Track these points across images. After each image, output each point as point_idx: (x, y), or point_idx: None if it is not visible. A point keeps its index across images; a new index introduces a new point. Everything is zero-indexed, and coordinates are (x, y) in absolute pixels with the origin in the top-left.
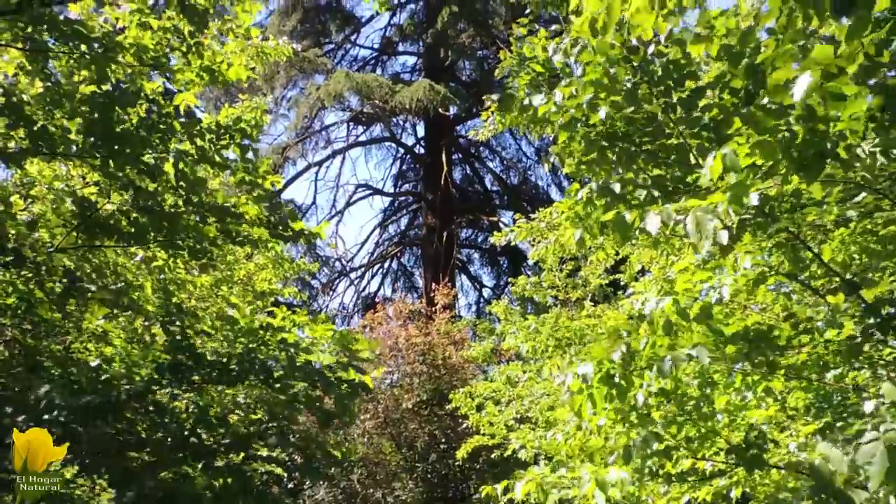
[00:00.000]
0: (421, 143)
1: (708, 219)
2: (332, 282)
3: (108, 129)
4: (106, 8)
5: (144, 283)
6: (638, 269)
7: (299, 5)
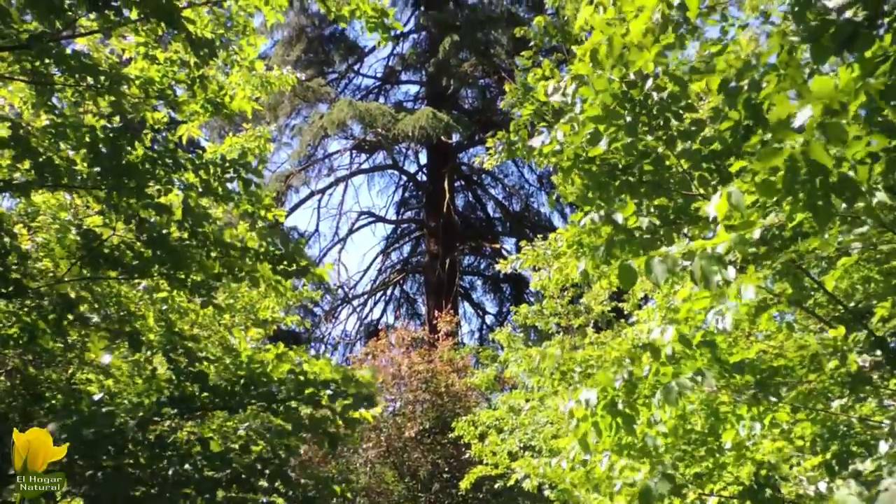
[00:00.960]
0: (423, 171)
1: (713, 270)
2: (335, 309)
3: (115, 160)
4: (112, 40)
5: (146, 314)
6: (641, 297)
7: (303, 36)
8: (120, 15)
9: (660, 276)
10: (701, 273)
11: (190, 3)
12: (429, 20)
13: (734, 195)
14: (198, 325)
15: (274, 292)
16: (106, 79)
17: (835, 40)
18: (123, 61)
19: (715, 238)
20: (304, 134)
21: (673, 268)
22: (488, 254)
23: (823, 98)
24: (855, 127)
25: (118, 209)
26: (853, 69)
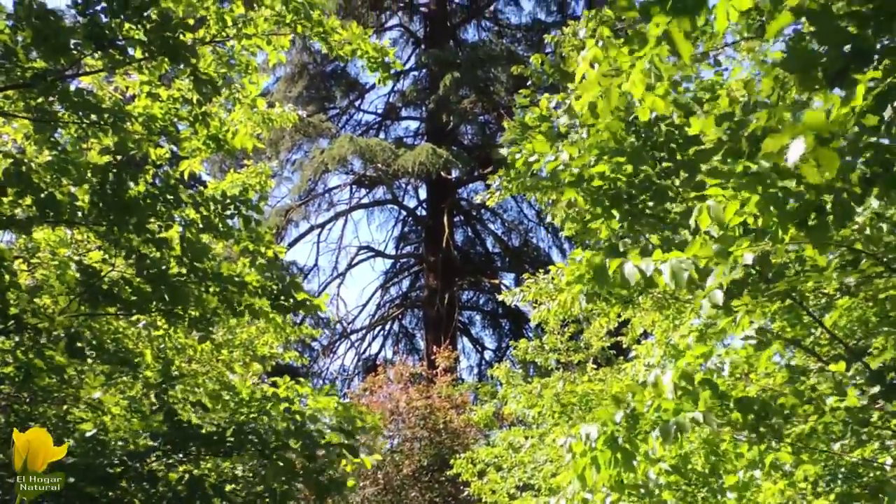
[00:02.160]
0: (423, 206)
1: (683, 268)
2: (333, 344)
3: (116, 196)
4: (117, 78)
5: (144, 351)
6: (640, 333)
7: (305, 72)
8: (125, 54)
9: (630, 277)
10: (671, 272)
11: (195, 41)
12: (429, 58)
13: (713, 208)
14: (195, 361)
15: (272, 327)
16: (109, 116)
17: (825, 76)
18: (127, 98)
19: (691, 246)
20: (304, 169)
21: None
22: (487, 289)
23: (815, 129)
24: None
25: (118, 244)
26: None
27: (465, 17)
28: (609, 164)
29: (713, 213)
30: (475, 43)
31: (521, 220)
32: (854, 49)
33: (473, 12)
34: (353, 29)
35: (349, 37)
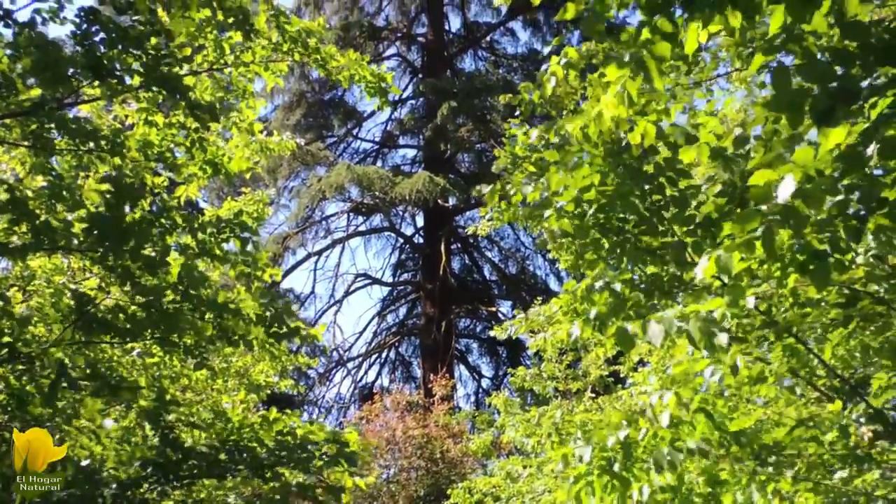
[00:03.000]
0: (420, 233)
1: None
2: (329, 372)
3: (112, 223)
4: (115, 106)
5: (139, 379)
6: (636, 360)
7: (303, 101)
8: (122, 83)
9: (657, 339)
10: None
11: (191, 70)
12: (426, 87)
13: (722, 258)
14: (190, 389)
15: (268, 355)
16: (107, 143)
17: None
18: (126, 126)
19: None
20: (302, 196)
21: (669, 329)
22: (484, 317)
23: (804, 166)
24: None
25: (113, 269)
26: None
27: (462, 47)
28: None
29: (722, 263)
30: (472, 72)
31: (518, 247)
32: (840, 87)
33: (470, 42)
34: (350, 55)
35: (346, 63)
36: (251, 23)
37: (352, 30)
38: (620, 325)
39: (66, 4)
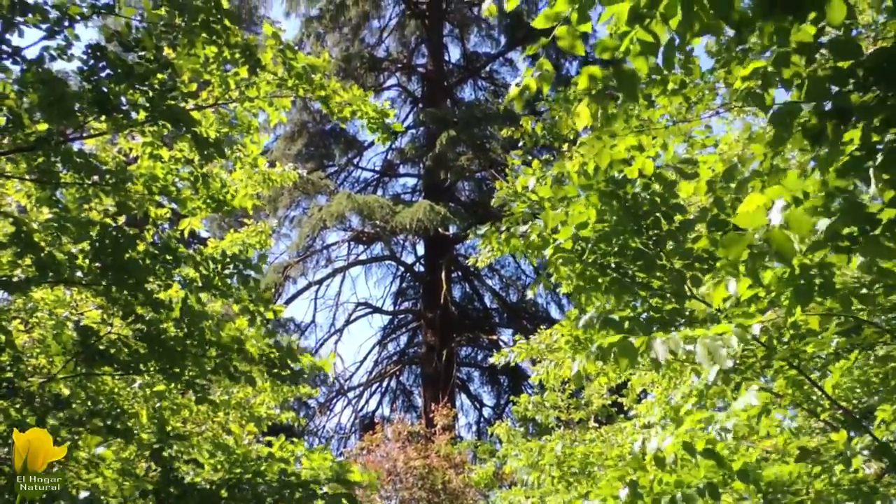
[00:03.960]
0: (421, 262)
1: (719, 346)
2: (330, 401)
3: (116, 257)
4: (120, 139)
5: (140, 411)
6: (640, 391)
7: (304, 131)
8: (128, 118)
9: (661, 355)
10: (706, 351)
11: (197, 105)
12: (426, 117)
13: (731, 285)
14: (191, 422)
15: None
16: (111, 177)
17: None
18: (130, 159)
19: (716, 327)
20: (303, 226)
21: (675, 348)
22: (486, 345)
23: (792, 190)
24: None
25: (116, 302)
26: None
27: (462, 77)
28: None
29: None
30: (471, 102)
31: (518, 275)
32: (835, 107)
33: (470, 72)
34: (354, 91)
35: (350, 98)
36: (257, 58)
37: (353, 61)
38: (625, 337)
39: (74, 42)
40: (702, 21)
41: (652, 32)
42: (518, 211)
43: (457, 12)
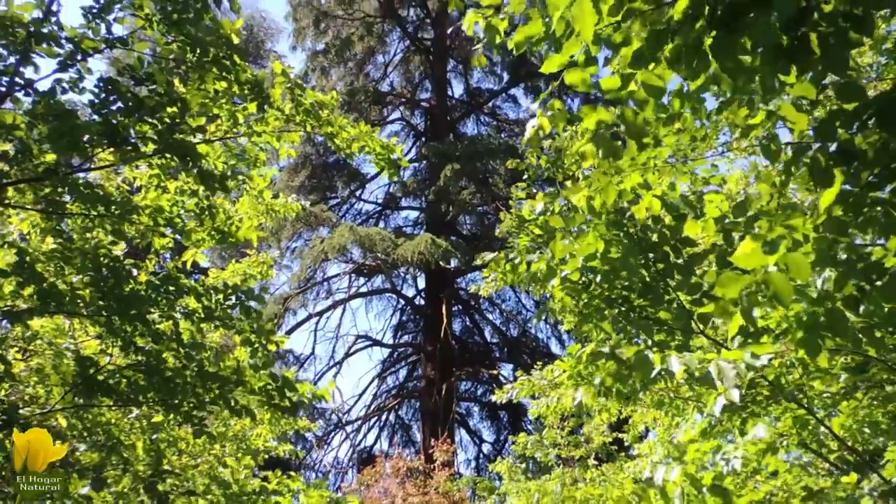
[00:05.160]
0: (421, 295)
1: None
2: (328, 435)
3: (117, 288)
4: (126, 170)
5: (136, 442)
6: (641, 429)
7: (308, 163)
8: (136, 150)
9: (675, 368)
10: (717, 370)
11: (204, 139)
12: (429, 150)
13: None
14: (187, 454)
15: (267, 419)
16: (116, 208)
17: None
18: (134, 189)
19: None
20: (304, 257)
21: (689, 366)
22: (485, 380)
23: (795, 231)
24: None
25: (116, 333)
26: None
27: (465, 112)
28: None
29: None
30: (474, 136)
31: (519, 310)
32: (840, 149)
33: (472, 107)
34: (361, 127)
35: (357, 134)
36: (266, 95)
37: (357, 95)
38: (641, 350)
39: (87, 76)
40: (705, 68)
41: (657, 76)
42: (522, 243)
43: (461, 48)
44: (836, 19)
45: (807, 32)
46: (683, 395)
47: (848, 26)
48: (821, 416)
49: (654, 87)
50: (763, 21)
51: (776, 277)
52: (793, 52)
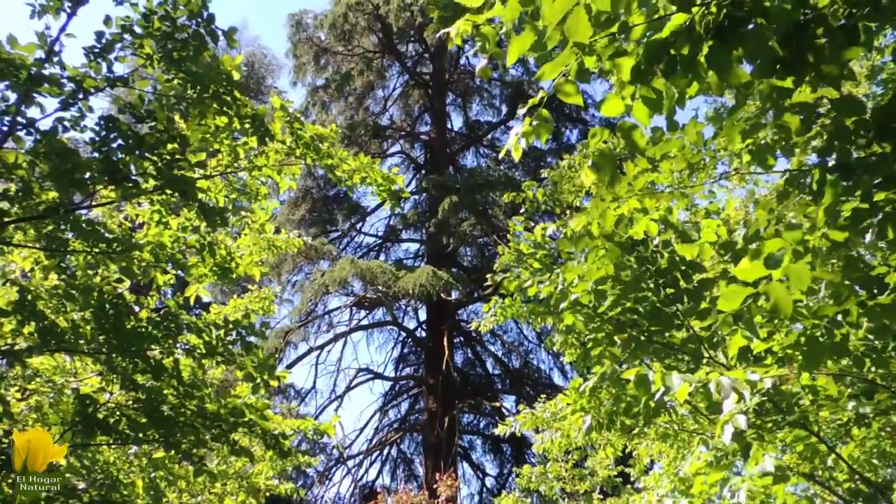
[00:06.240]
0: (423, 327)
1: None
2: (329, 470)
3: (118, 325)
4: (127, 206)
5: (136, 481)
6: (647, 462)
7: (308, 196)
8: (137, 186)
9: (676, 386)
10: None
11: (205, 175)
12: (429, 183)
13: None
14: (187, 493)
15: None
16: (118, 245)
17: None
18: (136, 226)
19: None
20: (305, 291)
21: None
22: (488, 412)
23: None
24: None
25: (116, 370)
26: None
27: (464, 145)
28: (611, 293)
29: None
30: (473, 168)
31: (521, 341)
32: (838, 163)
33: (471, 140)
34: (362, 159)
35: (357, 166)
36: (266, 129)
37: (357, 128)
38: (641, 371)
39: (88, 114)
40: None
41: (654, 89)
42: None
43: (459, 82)
44: (832, 32)
45: (803, 45)
46: (688, 428)
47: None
48: (830, 444)
49: (652, 99)
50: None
51: (776, 288)
52: (790, 64)
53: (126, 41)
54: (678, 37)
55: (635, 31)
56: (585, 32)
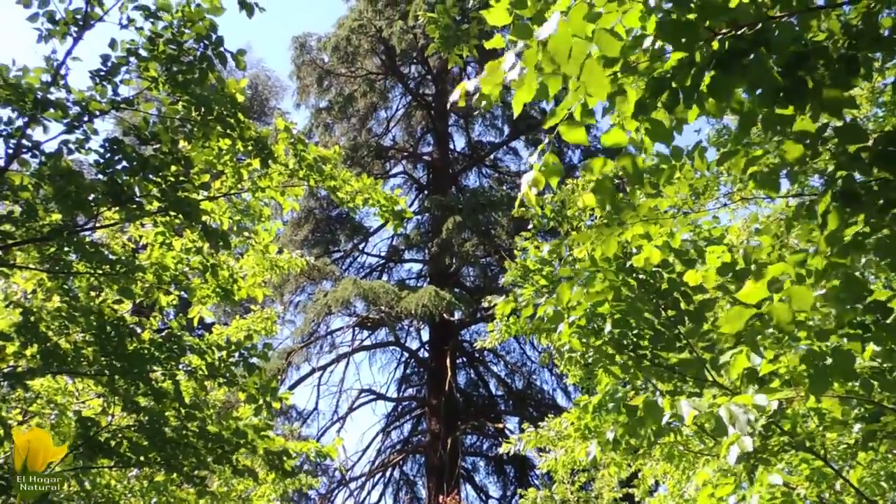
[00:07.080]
0: (425, 348)
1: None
2: (331, 492)
3: (120, 347)
4: (131, 228)
5: None
6: (651, 483)
7: (311, 217)
8: (141, 208)
9: (685, 413)
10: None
11: (208, 196)
12: (432, 203)
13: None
14: None
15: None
16: (121, 266)
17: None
18: (139, 247)
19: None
20: (307, 311)
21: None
22: (491, 433)
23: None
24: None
25: (118, 392)
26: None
27: (467, 165)
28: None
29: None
30: (476, 189)
31: (524, 361)
32: (842, 190)
33: (474, 160)
34: (364, 180)
35: (360, 187)
36: (270, 151)
37: (360, 149)
38: (650, 397)
39: (92, 136)
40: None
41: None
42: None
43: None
44: (832, 62)
45: (804, 75)
46: (693, 449)
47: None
48: (837, 467)
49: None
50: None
51: (778, 308)
52: (791, 94)
53: (131, 64)
54: (679, 71)
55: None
56: (601, 81)
